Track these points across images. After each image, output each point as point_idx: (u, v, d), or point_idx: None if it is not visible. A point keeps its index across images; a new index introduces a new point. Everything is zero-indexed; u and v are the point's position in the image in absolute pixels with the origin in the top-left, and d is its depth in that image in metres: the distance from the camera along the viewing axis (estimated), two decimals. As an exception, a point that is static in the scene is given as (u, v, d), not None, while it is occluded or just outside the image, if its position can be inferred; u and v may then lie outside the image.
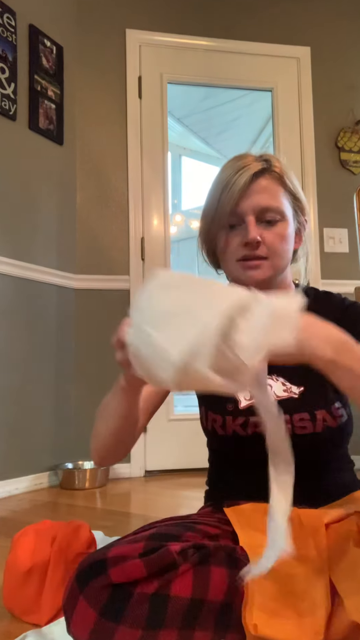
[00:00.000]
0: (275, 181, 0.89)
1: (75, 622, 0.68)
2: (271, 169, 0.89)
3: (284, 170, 0.90)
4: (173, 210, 4.86)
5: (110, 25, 2.93)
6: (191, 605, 0.69)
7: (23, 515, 1.94)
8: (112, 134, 2.89)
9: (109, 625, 0.66)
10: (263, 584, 0.70)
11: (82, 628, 0.68)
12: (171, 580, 0.69)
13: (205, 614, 0.70)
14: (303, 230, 0.96)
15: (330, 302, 0.96)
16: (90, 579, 0.69)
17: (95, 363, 2.73)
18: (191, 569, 0.71)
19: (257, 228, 0.87)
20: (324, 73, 3.13)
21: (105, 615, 0.67)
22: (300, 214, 0.94)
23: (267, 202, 0.87)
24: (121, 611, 0.67)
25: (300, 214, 0.94)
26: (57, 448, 2.58)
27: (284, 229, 0.89)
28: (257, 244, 0.86)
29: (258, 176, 0.87)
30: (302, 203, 0.94)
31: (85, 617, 0.67)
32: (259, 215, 0.87)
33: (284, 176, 0.90)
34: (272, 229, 0.88)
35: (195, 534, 0.79)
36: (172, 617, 0.68)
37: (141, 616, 0.67)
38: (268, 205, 0.87)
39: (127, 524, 1.80)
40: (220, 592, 0.71)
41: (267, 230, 0.88)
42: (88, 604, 0.68)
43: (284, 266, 0.92)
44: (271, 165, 0.89)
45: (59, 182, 2.72)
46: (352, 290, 2.37)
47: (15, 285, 2.42)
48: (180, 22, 3.02)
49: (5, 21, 2.45)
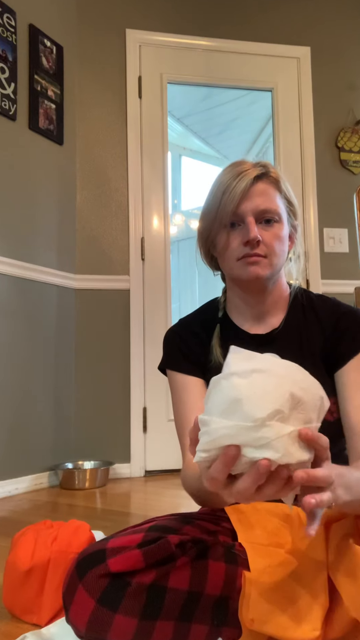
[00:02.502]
0: (272, 185, 0.94)
1: (74, 610, 0.70)
2: (268, 174, 0.94)
3: (280, 176, 0.96)
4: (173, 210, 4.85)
5: (110, 25, 2.93)
6: (188, 598, 0.70)
7: (23, 515, 1.94)
8: (112, 134, 2.89)
9: (107, 614, 0.68)
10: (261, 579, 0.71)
11: (80, 616, 0.69)
12: (169, 572, 0.70)
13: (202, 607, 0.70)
14: (295, 233, 1.00)
15: (324, 306, 0.98)
16: (90, 568, 0.70)
17: (96, 363, 2.73)
18: (189, 563, 0.72)
19: (256, 228, 0.90)
20: (324, 73, 3.13)
21: (103, 603, 0.68)
22: (293, 217, 0.99)
23: (265, 205, 0.91)
24: (119, 600, 0.68)
25: (293, 217, 0.98)
26: (57, 448, 2.58)
27: (280, 230, 0.93)
28: (257, 243, 0.90)
29: (257, 180, 0.92)
30: (295, 207, 0.98)
31: (84, 605, 0.69)
32: (257, 216, 0.91)
33: (280, 181, 0.95)
34: (270, 230, 0.92)
35: (194, 528, 0.80)
36: (169, 608, 0.69)
37: (138, 606, 0.68)
38: (267, 207, 0.91)
39: (127, 524, 1.79)
40: (217, 586, 0.72)
41: (266, 231, 0.92)
42: (87, 593, 0.69)
43: (280, 265, 0.95)
44: (268, 170, 0.94)
45: (59, 182, 2.72)
46: (352, 290, 2.37)
47: (15, 285, 2.42)
48: (180, 22, 3.02)
49: (5, 21, 2.45)
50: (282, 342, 0.96)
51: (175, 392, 0.99)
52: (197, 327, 1.02)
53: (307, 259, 2.99)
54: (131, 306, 2.79)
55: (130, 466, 2.70)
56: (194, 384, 0.97)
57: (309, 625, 0.65)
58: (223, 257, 0.95)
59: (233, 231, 0.92)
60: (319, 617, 0.66)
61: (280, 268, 0.95)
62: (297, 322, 0.97)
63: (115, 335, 2.76)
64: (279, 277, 0.98)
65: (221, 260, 0.97)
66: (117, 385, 2.74)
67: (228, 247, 0.93)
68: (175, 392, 0.99)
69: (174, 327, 1.05)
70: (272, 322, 0.98)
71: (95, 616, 0.68)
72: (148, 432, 2.75)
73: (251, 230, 0.89)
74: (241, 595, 0.71)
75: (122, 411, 2.74)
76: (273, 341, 0.96)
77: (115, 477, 2.66)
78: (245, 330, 0.98)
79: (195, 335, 1.00)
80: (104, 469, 2.52)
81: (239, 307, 1.00)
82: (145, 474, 2.72)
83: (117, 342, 2.76)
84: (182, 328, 1.04)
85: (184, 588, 0.70)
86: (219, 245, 0.95)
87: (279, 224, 0.93)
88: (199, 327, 1.02)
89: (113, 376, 2.75)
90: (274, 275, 0.94)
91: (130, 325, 2.78)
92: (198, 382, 0.97)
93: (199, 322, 1.03)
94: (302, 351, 0.94)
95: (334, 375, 0.91)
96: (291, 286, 1.02)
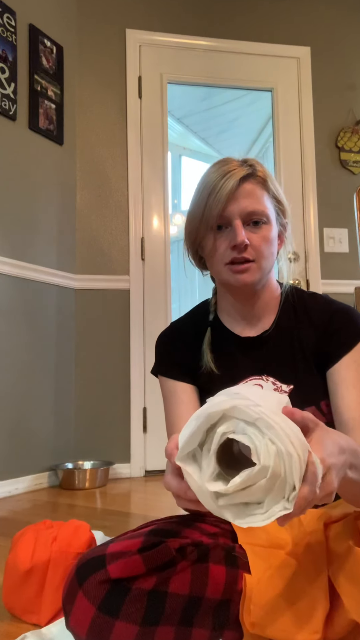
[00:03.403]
0: (260, 185, 0.91)
1: (74, 616, 0.69)
2: (255, 174, 0.91)
3: (267, 175, 0.93)
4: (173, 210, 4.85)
5: (110, 25, 2.93)
6: (189, 602, 0.69)
7: (23, 515, 1.94)
8: (112, 134, 2.89)
9: (107, 620, 0.67)
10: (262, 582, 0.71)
11: (80, 622, 0.68)
12: (169, 577, 0.70)
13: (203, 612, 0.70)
14: (284, 232, 0.98)
15: (316, 304, 0.97)
16: (89, 574, 0.69)
17: (96, 363, 2.73)
18: (190, 566, 0.71)
19: (244, 231, 0.88)
20: (324, 73, 3.13)
21: (104, 610, 0.67)
22: (282, 216, 0.96)
23: (253, 206, 0.89)
24: (119, 606, 0.67)
25: (282, 216, 0.96)
26: (57, 448, 2.58)
27: (268, 231, 0.91)
28: (244, 246, 0.88)
29: (244, 181, 0.89)
30: (284, 205, 0.96)
31: (84, 612, 0.68)
32: (245, 218, 0.89)
33: (268, 180, 0.92)
34: (258, 232, 0.90)
35: (194, 531, 0.79)
36: (170, 613, 0.68)
37: (139, 612, 0.67)
38: (254, 209, 0.89)
39: (127, 524, 1.80)
40: (218, 590, 0.71)
41: (253, 233, 0.89)
42: (87, 599, 0.68)
43: (270, 267, 0.94)
44: (255, 170, 0.91)
45: (59, 182, 2.72)
46: (352, 290, 2.37)
47: (15, 285, 2.42)
48: (180, 22, 3.02)
49: (5, 21, 2.45)
50: (273, 344, 0.95)
51: (164, 397, 0.99)
52: (187, 331, 1.01)
53: (307, 259, 2.99)
54: (131, 306, 2.79)
55: (130, 466, 2.70)
56: (182, 390, 0.96)
57: (309, 627, 0.65)
58: (211, 261, 0.94)
59: (220, 234, 0.90)
60: (319, 619, 0.65)
61: (269, 270, 0.94)
62: (288, 322, 0.96)
63: (115, 335, 2.76)
64: (269, 278, 0.97)
65: (209, 264, 0.96)
66: (117, 385, 2.74)
67: (215, 251, 0.91)
68: (164, 397, 0.99)
69: (165, 331, 1.04)
70: (263, 324, 0.97)
71: (95, 623, 0.67)
72: (148, 432, 2.75)
73: (238, 234, 0.87)
74: (242, 599, 0.70)
75: (122, 411, 2.74)
76: (264, 343, 0.96)
77: (115, 477, 2.66)
78: (237, 333, 0.98)
79: (185, 340, 1.00)
80: (104, 469, 2.52)
81: (229, 310, 0.99)
82: (145, 474, 2.72)
83: (117, 342, 2.76)
84: (172, 332, 1.03)
85: (185, 593, 0.69)
86: (206, 248, 0.93)
87: (267, 225, 0.90)
88: (190, 330, 1.01)
89: (113, 376, 2.75)
90: (263, 278, 0.93)
91: (130, 325, 2.78)
92: (187, 387, 0.97)
93: (190, 326, 1.02)
94: (294, 352, 0.93)
95: (327, 374, 0.91)
96: (282, 286, 1.01)
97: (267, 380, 0.93)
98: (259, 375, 0.93)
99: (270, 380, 0.93)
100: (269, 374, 0.93)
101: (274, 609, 0.68)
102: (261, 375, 0.93)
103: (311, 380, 0.88)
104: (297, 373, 0.91)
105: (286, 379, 0.92)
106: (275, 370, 0.93)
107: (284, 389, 0.91)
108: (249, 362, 0.95)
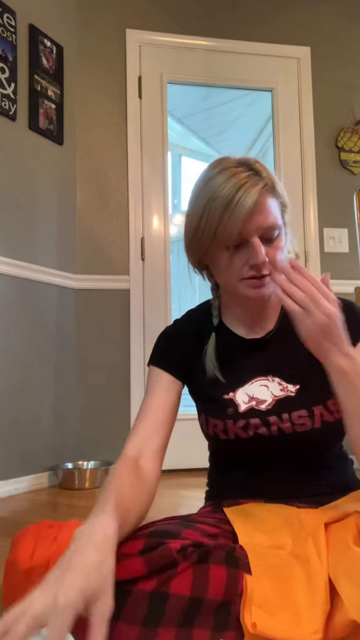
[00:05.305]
0: (271, 195, 0.87)
1: None
2: (265, 182, 0.86)
3: (273, 178, 0.89)
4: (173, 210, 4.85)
5: (110, 25, 2.93)
6: (190, 603, 0.69)
7: (23, 515, 1.94)
8: (112, 134, 2.89)
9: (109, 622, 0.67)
10: (262, 582, 0.70)
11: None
12: (170, 578, 0.69)
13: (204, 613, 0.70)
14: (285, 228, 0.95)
15: None
16: None
17: (96, 363, 2.73)
18: (190, 567, 0.71)
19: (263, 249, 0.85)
20: (324, 73, 3.13)
21: None
22: (284, 213, 0.93)
23: (268, 222, 0.85)
24: (120, 608, 0.67)
25: (284, 214, 0.93)
26: (57, 448, 2.58)
27: (280, 241, 0.89)
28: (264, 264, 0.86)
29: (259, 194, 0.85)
30: (287, 203, 0.93)
31: None
32: (262, 235, 0.86)
33: (276, 186, 0.89)
34: (273, 244, 0.87)
35: (194, 532, 0.79)
36: (171, 615, 0.68)
37: (140, 613, 0.67)
38: (270, 224, 0.86)
39: (127, 524, 1.79)
40: (219, 591, 0.71)
41: (269, 247, 0.87)
42: None
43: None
44: (264, 178, 0.86)
45: (59, 182, 2.72)
46: (352, 290, 2.37)
47: (15, 285, 2.42)
48: (180, 22, 3.02)
49: (5, 21, 2.45)
50: (278, 345, 0.96)
51: (147, 385, 0.99)
52: (189, 329, 1.01)
53: (307, 258, 2.99)
54: (131, 306, 2.79)
55: (130, 466, 2.70)
56: (167, 379, 0.97)
57: (310, 627, 0.65)
58: (222, 276, 0.91)
59: (236, 252, 0.86)
60: (320, 619, 0.65)
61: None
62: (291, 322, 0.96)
63: (115, 335, 2.76)
64: None
65: (219, 278, 0.93)
66: (117, 385, 2.74)
67: (229, 267, 0.88)
68: (147, 385, 0.99)
69: (167, 327, 1.05)
70: (267, 325, 0.98)
71: None
72: (148, 432, 2.74)
73: (260, 254, 0.84)
74: (243, 599, 0.70)
75: (122, 411, 2.74)
76: (267, 344, 0.96)
77: (115, 477, 2.65)
78: (242, 336, 0.98)
79: (185, 338, 1.00)
80: (104, 469, 2.52)
81: (235, 314, 0.99)
82: (145, 474, 2.72)
83: (117, 342, 2.76)
84: (174, 329, 1.03)
85: (186, 594, 0.69)
86: (218, 263, 0.90)
87: (279, 236, 0.88)
88: (192, 329, 1.01)
89: (113, 376, 2.75)
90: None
91: (130, 325, 2.78)
92: (173, 380, 0.97)
93: (192, 324, 1.02)
94: (298, 351, 0.93)
95: None
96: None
97: (273, 381, 0.93)
98: (265, 376, 0.93)
99: (276, 381, 0.93)
100: (275, 374, 0.93)
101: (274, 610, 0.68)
102: (267, 375, 0.93)
103: (317, 379, 0.87)
104: (303, 372, 0.92)
105: (292, 379, 0.92)
106: (281, 371, 0.93)
107: (290, 389, 0.92)
108: (254, 364, 0.95)
